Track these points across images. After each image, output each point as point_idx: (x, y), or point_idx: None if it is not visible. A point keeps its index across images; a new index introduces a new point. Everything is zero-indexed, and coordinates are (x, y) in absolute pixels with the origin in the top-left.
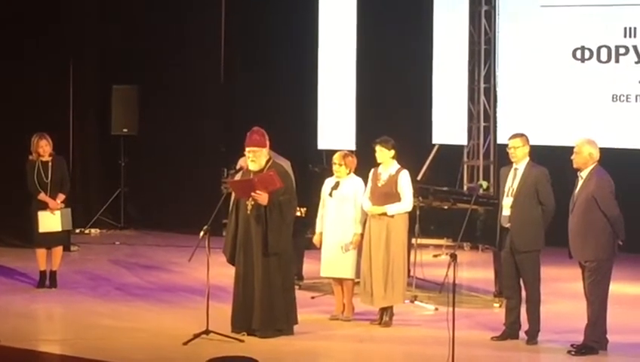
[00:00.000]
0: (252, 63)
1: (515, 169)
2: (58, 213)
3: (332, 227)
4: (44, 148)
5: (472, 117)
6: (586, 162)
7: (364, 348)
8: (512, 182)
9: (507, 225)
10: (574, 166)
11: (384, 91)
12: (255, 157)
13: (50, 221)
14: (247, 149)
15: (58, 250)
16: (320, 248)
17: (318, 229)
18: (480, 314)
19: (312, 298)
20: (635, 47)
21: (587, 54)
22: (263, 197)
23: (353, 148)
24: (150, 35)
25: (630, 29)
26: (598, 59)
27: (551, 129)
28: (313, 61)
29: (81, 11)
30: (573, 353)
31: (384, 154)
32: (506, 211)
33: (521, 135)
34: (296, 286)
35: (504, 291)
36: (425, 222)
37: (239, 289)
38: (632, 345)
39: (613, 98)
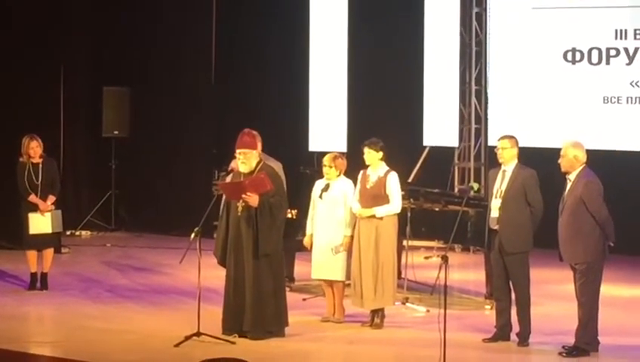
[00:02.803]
0: (243, 65)
1: (504, 171)
2: (48, 214)
3: (322, 229)
4: (34, 149)
5: (463, 119)
6: (572, 165)
7: (354, 350)
8: (501, 183)
9: (495, 227)
10: (562, 169)
11: (375, 93)
12: (245, 159)
13: (40, 223)
14: (237, 151)
15: (49, 252)
16: (311, 250)
17: (308, 231)
18: (471, 316)
19: (304, 300)
20: (625, 49)
21: (578, 56)
22: (253, 199)
23: (344, 150)
24: (141, 37)
25: (621, 30)
26: (589, 61)
27: (542, 131)
28: (304, 63)
29: (73, 13)
30: (564, 355)
31: (372, 156)
32: (494, 213)
33: (510, 136)
34: (288, 288)
35: (494, 292)
36: (416, 224)
37: (230, 290)
38: (623, 347)
39: (604, 100)
